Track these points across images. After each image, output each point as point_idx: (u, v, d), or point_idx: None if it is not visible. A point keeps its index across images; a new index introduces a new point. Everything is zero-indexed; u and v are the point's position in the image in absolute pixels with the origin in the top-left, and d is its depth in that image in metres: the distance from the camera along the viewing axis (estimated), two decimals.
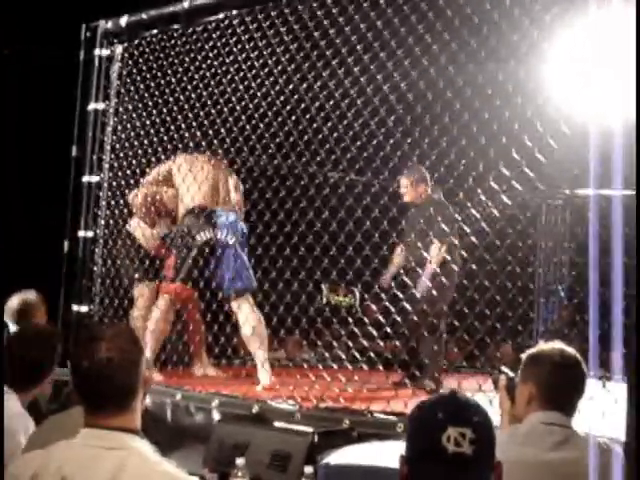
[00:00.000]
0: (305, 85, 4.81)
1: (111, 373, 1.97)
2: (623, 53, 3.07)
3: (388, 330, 4.75)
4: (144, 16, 5.39)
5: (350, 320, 5.38)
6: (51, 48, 7.44)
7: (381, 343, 5.13)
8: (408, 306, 4.75)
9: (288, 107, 4.89)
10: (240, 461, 3.07)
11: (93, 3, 6.43)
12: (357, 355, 4.91)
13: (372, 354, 4.74)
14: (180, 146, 5.42)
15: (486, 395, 3.70)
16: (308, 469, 2.95)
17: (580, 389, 2.54)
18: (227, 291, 5.03)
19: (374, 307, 5.70)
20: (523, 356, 2.62)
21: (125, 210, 5.58)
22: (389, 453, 2.95)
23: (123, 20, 5.50)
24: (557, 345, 2.57)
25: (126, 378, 2.00)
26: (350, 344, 5.44)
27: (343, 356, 5.16)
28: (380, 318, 4.78)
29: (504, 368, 2.91)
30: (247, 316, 4.95)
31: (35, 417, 3.06)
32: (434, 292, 5.02)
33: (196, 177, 5.19)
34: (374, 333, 4.77)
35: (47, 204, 6.78)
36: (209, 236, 5.05)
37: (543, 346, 2.61)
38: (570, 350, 2.55)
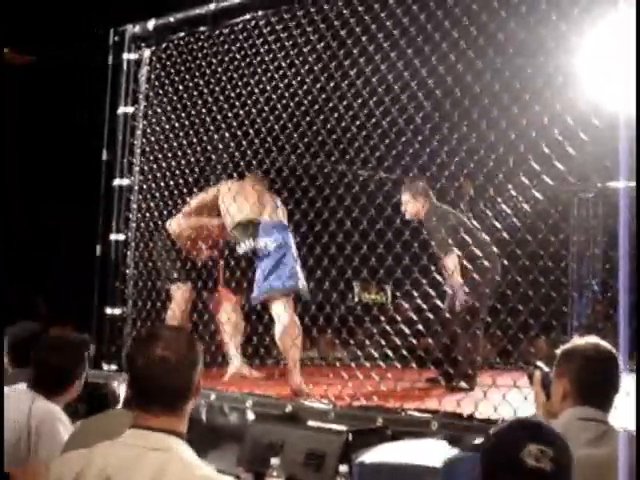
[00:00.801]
0: (332, 84, 4.80)
1: (164, 373, 1.98)
2: None
3: (420, 328, 4.73)
4: (171, 19, 5.43)
5: (382, 318, 5.37)
6: (80, 53, 7.52)
7: (414, 341, 5.12)
8: (440, 303, 4.73)
9: (316, 106, 4.89)
10: (275, 461, 3.08)
11: (121, 7, 6.49)
12: (390, 353, 4.90)
13: (405, 352, 4.73)
14: (217, 167, 5.46)
15: (521, 391, 3.69)
16: (343, 468, 2.95)
17: (615, 384, 2.51)
18: (257, 291, 5.05)
19: (406, 305, 5.67)
20: (557, 351, 2.60)
21: (156, 213, 5.61)
22: (423, 451, 2.95)
23: (150, 24, 5.54)
24: (591, 340, 2.55)
25: (179, 380, 2.00)
26: (383, 342, 5.43)
27: (376, 354, 5.14)
28: (412, 315, 4.76)
29: (539, 363, 2.89)
30: (278, 316, 4.97)
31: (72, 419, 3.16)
32: (469, 300, 5.00)
33: (244, 197, 5.22)
34: (406, 331, 4.76)
35: (79, 208, 6.84)
36: (249, 247, 5.07)
37: (577, 341, 2.58)
38: (605, 344, 2.53)
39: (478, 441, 3.24)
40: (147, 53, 5.69)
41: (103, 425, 2.48)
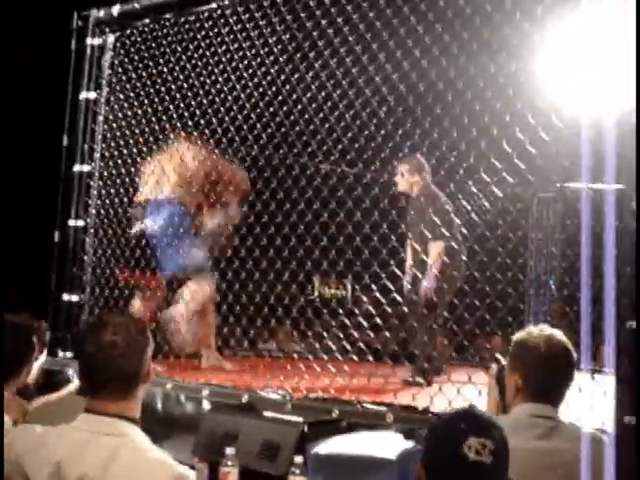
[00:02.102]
0: (297, 76, 4.80)
1: (114, 358, 2.00)
2: (616, 46, 3.07)
3: (378, 322, 4.75)
4: (136, 5, 5.37)
5: (341, 312, 5.39)
6: (42, 37, 7.42)
7: (372, 334, 5.14)
8: (399, 297, 4.73)
9: (280, 97, 4.88)
10: (230, 450, 3.08)
11: None
12: (348, 347, 4.92)
13: (362, 345, 4.74)
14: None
15: (476, 387, 3.72)
16: (298, 459, 2.95)
17: (567, 377, 2.52)
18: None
19: (364, 298, 5.68)
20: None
21: (116, 200, 5.56)
22: (378, 443, 2.96)
23: (115, 9, 5.48)
24: (544, 331, 2.53)
25: (129, 364, 2.02)
26: (341, 335, 5.45)
27: (333, 347, 5.15)
28: (371, 309, 4.78)
29: (499, 356, 2.91)
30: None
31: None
32: (433, 294, 4.95)
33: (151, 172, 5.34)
34: (364, 324, 4.78)
35: (38, 193, 6.76)
36: (139, 228, 5.22)
37: (530, 332, 2.55)
38: (557, 337, 2.52)
39: None
40: (111, 39, 5.63)
41: (57, 410, 2.47)
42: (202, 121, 5.20)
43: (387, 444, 2.92)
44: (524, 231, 7.13)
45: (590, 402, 3.21)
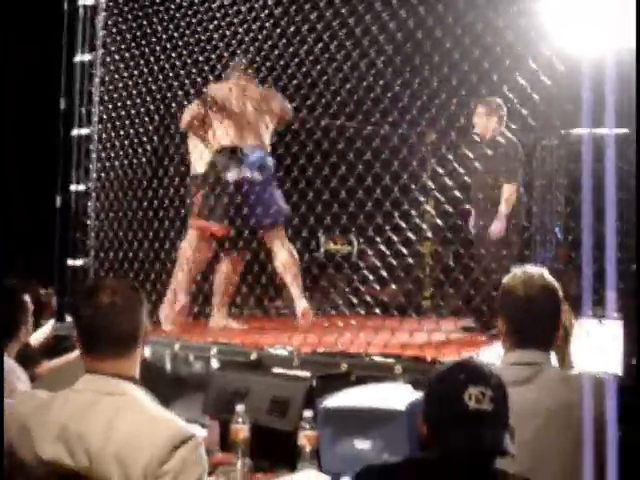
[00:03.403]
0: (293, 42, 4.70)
1: (111, 318, 2.02)
2: None
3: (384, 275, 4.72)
4: None
5: (347, 267, 5.39)
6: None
7: (378, 288, 5.13)
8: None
9: (276, 54, 4.80)
10: (240, 407, 3.09)
11: None
12: (354, 300, 4.91)
13: (369, 299, 4.73)
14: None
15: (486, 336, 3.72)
16: (307, 413, 2.96)
17: (553, 320, 2.41)
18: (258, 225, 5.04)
19: (370, 252, 5.64)
20: None
21: (116, 162, 5.53)
22: (386, 394, 2.97)
23: None
24: (526, 273, 2.43)
25: (127, 323, 2.05)
26: (348, 290, 5.44)
27: (340, 302, 5.15)
28: (377, 263, 4.76)
29: None
30: (277, 251, 5.03)
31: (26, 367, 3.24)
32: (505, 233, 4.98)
33: (229, 112, 5.06)
34: (371, 278, 4.77)
35: (37, 158, 6.72)
36: (238, 176, 4.98)
37: (513, 275, 2.45)
38: (537, 277, 2.41)
39: None
40: None
41: (63, 375, 2.48)
42: (199, 79, 5.14)
43: (396, 395, 2.92)
44: (529, 177, 7.07)
45: (598, 346, 3.22)
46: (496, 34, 3.81)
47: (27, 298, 3.64)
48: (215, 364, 4.09)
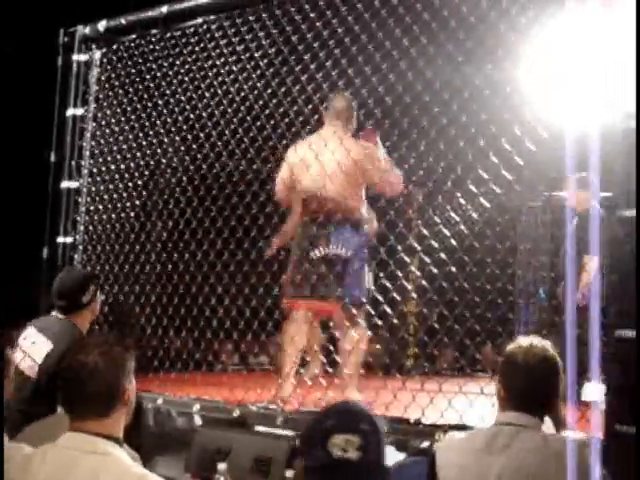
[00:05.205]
0: (283, 89, 4.80)
1: (89, 378, 2.03)
2: (600, 55, 3.10)
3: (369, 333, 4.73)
4: (122, 21, 5.37)
5: (331, 324, 5.38)
6: (28, 52, 7.41)
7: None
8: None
9: (267, 111, 4.88)
10: (222, 466, 3.08)
11: (71, 8, 6.42)
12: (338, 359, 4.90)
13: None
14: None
15: (467, 397, 3.73)
16: (290, 473, 2.95)
17: (549, 388, 2.46)
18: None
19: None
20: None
21: (104, 216, 5.55)
22: None
23: (101, 25, 5.48)
24: (528, 343, 2.50)
25: (107, 385, 2.05)
26: (331, 348, 5.44)
27: (324, 360, 5.14)
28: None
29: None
30: (348, 331, 4.68)
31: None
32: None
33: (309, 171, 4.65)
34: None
35: (26, 210, 6.73)
36: (324, 252, 4.66)
37: (516, 344, 2.53)
38: (538, 347, 2.48)
39: (425, 445, 3.27)
40: (97, 55, 5.63)
41: (48, 429, 2.46)
42: (189, 136, 5.20)
43: (390, 456, 2.92)
44: (512, 241, 7.14)
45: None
46: (482, 100, 3.90)
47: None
48: (198, 421, 4.06)
